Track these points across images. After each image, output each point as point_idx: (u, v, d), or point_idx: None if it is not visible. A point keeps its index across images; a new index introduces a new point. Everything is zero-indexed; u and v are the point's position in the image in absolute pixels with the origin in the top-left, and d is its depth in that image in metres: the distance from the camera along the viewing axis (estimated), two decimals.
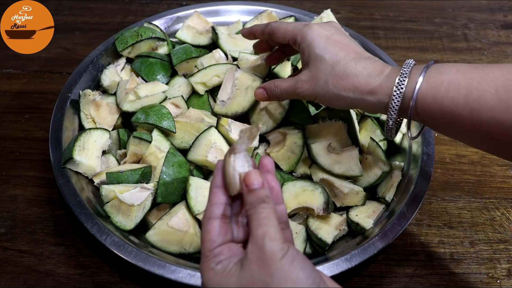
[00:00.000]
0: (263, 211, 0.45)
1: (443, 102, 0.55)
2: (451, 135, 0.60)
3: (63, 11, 1.13)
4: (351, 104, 0.62)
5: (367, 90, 0.60)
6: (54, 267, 0.69)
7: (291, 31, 0.65)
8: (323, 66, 0.62)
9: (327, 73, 0.61)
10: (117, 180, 0.70)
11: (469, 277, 0.71)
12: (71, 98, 0.80)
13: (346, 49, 0.62)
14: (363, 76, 0.60)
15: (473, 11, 1.20)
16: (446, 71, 0.56)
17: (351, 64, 0.60)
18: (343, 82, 0.60)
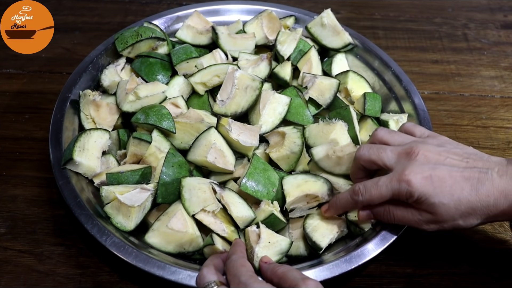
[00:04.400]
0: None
1: None
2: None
3: (63, 11, 1.13)
4: (485, 223, 0.63)
5: (498, 213, 0.60)
6: (54, 267, 0.69)
7: (390, 193, 0.62)
8: (446, 211, 0.60)
9: (453, 214, 0.60)
10: (117, 181, 0.70)
11: (469, 277, 0.71)
12: (71, 98, 0.80)
13: (457, 183, 0.59)
14: (491, 204, 0.59)
15: (473, 11, 1.20)
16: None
17: (472, 198, 0.59)
18: (473, 217, 0.60)
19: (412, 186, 0.60)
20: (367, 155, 0.65)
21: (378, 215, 0.65)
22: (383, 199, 0.62)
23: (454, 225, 0.61)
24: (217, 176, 0.74)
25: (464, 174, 0.60)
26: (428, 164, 0.61)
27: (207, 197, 0.67)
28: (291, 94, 0.81)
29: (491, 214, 0.60)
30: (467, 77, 1.02)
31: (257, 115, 0.77)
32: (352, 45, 0.93)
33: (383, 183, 0.62)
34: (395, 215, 0.64)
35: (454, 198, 0.59)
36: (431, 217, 0.61)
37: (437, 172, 0.60)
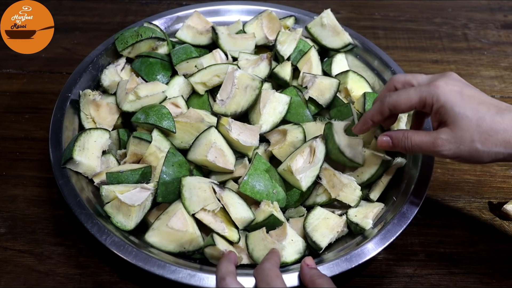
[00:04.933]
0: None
1: None
2: None
3: (63, 11, 1.13)
4: (502, 159, 0.60)
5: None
6: (54, 267, 0.69)
7: (417, 97, 0.62)
8: (466, 125, 0.59)
9: (473, 131, 0.59)
10: (117, 180, 0.70)
11: (469, 277, 0.71)
12: (71, 98, 0.80)
13: (485, 103, 0.60)
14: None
15: (473, 11, 1.20)
16: None
17: (497, 119, 0.58)
18: (493, 139, 0.59)
19: (440, 90, 0.60)
20: (402, 77, 0.66)
21: (396, 140, 0.65)
22: (410, 103, 0.62)
23: (471, 148, 0.59)
24: (217, 175, 0.74)
25: (493, 101, 0.60)
26: (461, 82, 0.62)
27: (207, 196, 0.67)
28: (291, 94, 0.81)
29: (511, 141, 0.58)
30: (467, 77, 1.02)
31: (257, 114, 0.77)
32: (352, 45, 0.93)
33: (413, 89, 0.62)
34: (412, 140, 0.63)
35: (479, 114, 0.58)
36: (450, 133, 0.60)
37: (468, 90, 0.60)
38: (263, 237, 0.67)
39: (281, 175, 0.72)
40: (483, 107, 0.59)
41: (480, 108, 0.59)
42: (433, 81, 0.62)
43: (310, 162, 0.70)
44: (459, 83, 0.61)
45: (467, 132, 0.59)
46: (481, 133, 0.58)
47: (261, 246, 0.66)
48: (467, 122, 0.59)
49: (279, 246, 0.66)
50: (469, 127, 0.59)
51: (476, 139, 0.59)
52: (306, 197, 0.74)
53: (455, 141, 0.60)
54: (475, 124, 0.58)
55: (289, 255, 0.66)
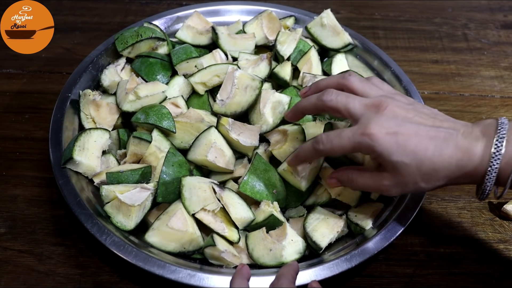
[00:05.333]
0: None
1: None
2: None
3: (63, 11, 1.13)
4: (442, 186, 0.60)
5: (461, 175, 0.57)
6: (54, 267, 0.69)
7: (351, 146, 0.59)
8: (407, 171, 0.58)
9: (414, 175, 0.58)
10: (117, 180, 0.70)
11: (469, 277, 0.71)
12: (71, 98, 0.80)
13: (421, 141, 0.57)
14: (453, 165, 0.57)
15: (473, 11, 1.20)
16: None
17: (435, 158, 0.57)
18: (435, 178, 0.58)
19: (375, 141, 0.57)
20: (334, 102, 0.62)
21: (343, 183, 0.65)
22: (344, 151, 0.60)
23: (416, 188, 0.59)
24: (217, 175, 0.74)
25: (430, 133, 0.57)
26: (395, 119, 0.58)
27: (207, 196, 0.67)
28: (291, 94, 0.81)
29: (453, 176, 0.57)
30: (467, 77, 1.02)
31: (257, 114, 0.77)
32: (352, 45, 0.93)
33: (346, 135, 0.59)
34: (358, 183, 0.63)
35: (417, 158, 0.57)
36: (393, 178, 0.59)
37: (403, 130, 0.57)
38: (263, 237, 0.67)
39: (281, 175, 0.72)
40: (420, 149, 0.57)
41: (417, 151, 0.57)
42: (366, 124, 0.58)
43: (310, 163, 0.70)
44: (393, 122, 0.58)
45: (408, 177, 0.58)
46: (422, 175, 0.58)
47: (261, 246, 0.67)
48: (407, 169, 0.57)
49: (279, 246, 0.66)
50: (410, 173, 0.58)
51: (418, 180, 0.58)
52: (306, 197, 0.74)
53: (398, 186, 0.60)
54: (415, 168, 0.57)
55: (289, 255, 0.66)
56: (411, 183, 0.59)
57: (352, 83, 0.64)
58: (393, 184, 0.60)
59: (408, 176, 0.58)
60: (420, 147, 0.57)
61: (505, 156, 0.55)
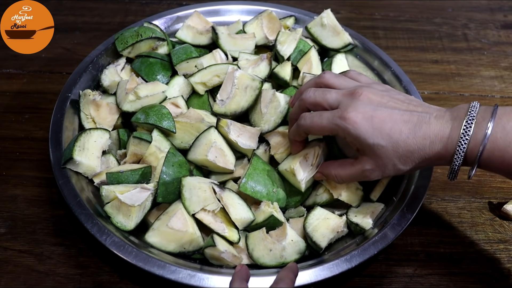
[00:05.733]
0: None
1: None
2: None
3: (63, 11, 1.13)
4: (420, 168, 0.64)
5: (433, 156, 0.60)
6: (54, 267, 0.69)
7: (329, 128, 0.63)
8: (384, 153, 0.60)
9: (392, 157, 0.60)
10: (117, 180, 0.70)
11: (469, 277, 0.71)
12: (71, 98, 0.80)
13: (396, 125, 0.60)
14: (427, 147, 0.59)
15: (473, 11, 1.20)
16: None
17: (409, 141, 0.59)
18: (411, 159, 0.60)
19: (350, 125, 0.60)
20: (312, 97, 0.66)
21: (328, 177, 0.69)
22: (323, 131, 0.64)
23: (395, 169, 0.62)
24: (217, 176, 0.74)
25: (404, 117, 0.60)
26: (371, 105, 0.61)
27: (207, 196, 0.67)
28: (291, 94, 0.80)
29: (427, 157, 0.60)
30: (467, 77, 1.02)
31: (258, 114, 0.77)
32: (352, 45, 0.93)
33: (326, 116, 0.63)
34: (342, 177, 0.67)
35: (393, 141, 0.59)
36: (372, 162, 0.62)
37: (378, 114, 0.60)
38: (263, 237, 0.67)
39: (282, 174, 0.73)
40: (395, 131, 0.59)
41: (392, 133, 0.59)
42: (344, 109, 0.62)
43: (312, 165, 0.70)
44: (368, 107, 0.61)
45: (386, 159, 0.61)
46: (399, 156, 0.60)
47: (261, 246, 0.67)
48: (384, 151, 0.60)
49: (279, 246, 0.66)
50: (387, 155, 0.60)
51: (396, 162, 0.61)
52: (306, 197, 0.74)
53: (379, 169, 0.62)
54: (392, 150, 0.60)
55: (289, 255, 0.66)
56: (390, 165, 0.61)
57: (327, 80, 0.68)
58: (374, 167, 0.62)
59: (386, 158, 0.61)
60: (395, 130, 0.59)
61: (473, 137, 0.57)
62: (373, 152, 0.61)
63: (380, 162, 0.61)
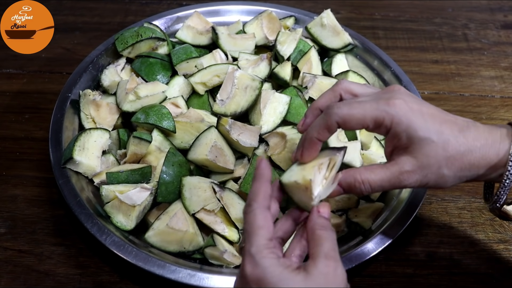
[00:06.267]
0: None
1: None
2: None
3: (63, 11, 1.13)
4: (465, 181, 0.55)
5: (484, 165, 0.53)
6: (54, 267, 0.69)
7: (373, 115, 0.53)
8: (433, 150, 0.52)
9: (439, 157, 0.52)
10: (117, 180, 0.70)
11: (469, 277, 0.71)
12: (71, 98, 0.80)
13: (446, 122, 0.53)
14: (477, 150, 0.53)
15: (473, 11, 1.20)
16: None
17: (461, 139, 0.53)
18: (458, 163, 0.53)
19: (401, 110, 0.52)
20: (345, 110, 0.53)
21: (350, 188, 0.55)
22: (363, 121, 0.53)
23: (438, 175, 0.53)
24: (217, 175, 0.74)
25: (450, 118, 0.54)
26: (415, 97, 0.55)
27: (207, 196, 0.67)
28: (291, 94, 0.81)
29: (476, 164, 0.53)
30: (467, 77, 1.02)
31: (258, 115, 0.77)
32: (352, 45, 0.93)
33: (368, 102, 0.53)
34: (371, 183, 0.54)
35: (444, 137, 0.52)
36: (415, 161, 0.53)
37: (426, 107, 0.54)
38: None
39: (287, 187, 0.54)
40: (446, 127, 0.53)
41: (443, 129, 0.53)
42: (389, 98, 0.53)
43: (326, 178, 0.54)
44: (415, 99, 0.54)
45: (433, 158, 0.53)
46: (447, 157, 0.53)
47: None
48: (433, 148, 0.52)
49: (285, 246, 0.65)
50: (436, 153, 0.52)
51: (443, 164, 0.53)
52: None
53: (421, 171, 0.53)
54: (441, 148, 0.52)
55: None
56: (435, 167, 0.53)
57: (347, 86, 0.58)
58: (415, 169, 0.53)
59: (434, 158, 0.52)
60: (446, 126, 0.53)
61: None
62: (420, 148, 0.52)
63: (424, 162, 0.53)
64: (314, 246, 0.48)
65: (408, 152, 0.53)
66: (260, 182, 0.50)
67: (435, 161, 0.53)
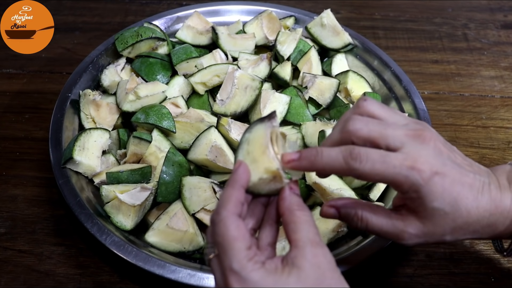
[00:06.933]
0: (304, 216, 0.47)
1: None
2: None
3: (63, 11, 1.13)
4: (461, 240, 0.55)
5: (488, 232, 0.51)
6: (54, 267, 0.69)
7: (393, 177, 0.48)
8: (442, 221, 0.49)
9: (447, 227, 0.50)
10: (117, 180, 0.70)
11: (469, 277, 0.71)
12: (71, 98, 0.80)
13: (464, 187, 0.49)
14: (485, 220, 0.50)
15: (473, 11, 1.20)
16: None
17: (473, 209, 0.49)
18: (463, 231, 0.51)
19: (425, 180, 0.48)
20: (365, 130, 0.50)
21: (347, 217, 0.53)
22: (382, 179, 0.49)
23: (438, 240, 0.51)
24: (217, 175, 0.74)
25: (469, 179, 0.50)
26: (441, 157, 0.49)
27: (207, 196, 0.67)
28: (291, 94, 0.81)
29: (480, 230, 0.51)
30: (467, 77, 1.02)
31: (257, 115, 0.77)
32: (352, 45, 0.93)
33: (392, 162, 0.48)
34: (369, 223, 0.52)
35: (456, 209, 0.49)
36: (421, 227, 0.50)
37: (449, 171, 0.49)
38: None
39: (252, 188, 0.50)
40: (462, 197, 0.49)
41: (459, 199, 0.49)
42: (416, 157, 0.48)
43: (277, 153, 0.52)
44: (440, 160, 0.49)
45: (440, 228, 0.50)
46: (454, 227, 0.50)
47: None
48: (443, 218, 0.49)
49: (279, 245, 0.66)
50: (444, 224, 0.50)
51: (447, 232, 0.51)
52: (306, 197, 0.74)
53: (424, 236, 0.51)
54: (451, 220, 0.50)
55: None
56: (438, 235, 0.51)
57: (369, 109, 0.52)
58: (418, 234, 0.51)
59: (440, 227, 0.50)
60: (462, 196, 0.49)
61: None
62: (430, 217, 0.49)
63: (431, 230, 0.50)
64: (295, 231, 0.46)
65: (418, 215, 0.50)
66: (233, 188, 0.47)
67: (441, 230, 0.50)
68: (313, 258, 0.44)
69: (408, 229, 0.51)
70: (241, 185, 0.48)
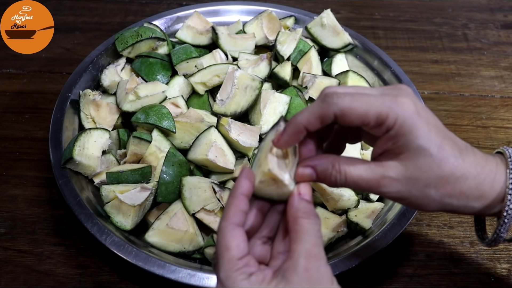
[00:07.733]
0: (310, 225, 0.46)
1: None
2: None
3: (63, 11, 1.13)
4: (449, 210, 0.49)
5: (475, 196, 0.48)
6: (54, 267, 0.69)
7: (376, 111, 0.45)
8: (427, 165, 0.46)
9: (432, 174, 0.46)
10: (117, 180, 0.70)
11: (469, 277, 0.71)
12: (71, 98, 0.80)
13: (449, 138, 0.47)
14: (472, 177, 0.47)
15: (473, 11, 1.20)
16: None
17: (459, 162, 0.47)
18: (449, 187, 0.47)
19: (407, 112, 0.45)
20: (347, 103, 0.46)
21: (323, 174, 0.48)
22: (364, 115, 0.46)
23: (423, 194, 0.47)
24: (217, 175, 0.74)
25: (452, 137, 0.48)
26: (423, 104, 0.48)
27: (207, 196, 0.67)
28: (291, 94, 0.81)
29: (467, 193, 0.48)
30: (467, 77, 1.02)
31: (258, 115, 0.77)
32: (352, 45, 0.93)
33: (373, 96, 0.46)
34: (347, 174, 0.48)
35: (443, 154, 0.46)
36: (403, 170, 0.47)
37: (431, 117, 0.47)
38: None
39: (256, 191, 0.50)
40: (447, 144, 0.47)
41: (445, 145, 0.46)
42: (397, 95, 0.46)
43: (284, 157, 0.52)
44: (423, 105, 0.48)
45: (425, 173, 0.46)
46: (440, 177, 0.47)
47: None
48: (428, 162, 0.46)
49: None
50: (429, 168, 0.46)
51: (432, 183, 0.47)
52: None
53: (406, 183, 0.47)
54: (437, 165, 0.46)
55: None
56: (422, 184, 0.47)
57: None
58: (400, 178, 0.47)
59: (425, 173, 0.46)
60: (447, 142, 0.47)
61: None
62: (413, 158, 0.46)
63: (414, 174, 0.47)
64: (295, 240, 0.45)
65: (399, 158, 0.47)
66: (232, 197, 0.47)
67: (425, 176, 0.47)
68: (304, 272, 0.43)
69: (389, 173, 0.47)
70: (241, 192, 0.47)
